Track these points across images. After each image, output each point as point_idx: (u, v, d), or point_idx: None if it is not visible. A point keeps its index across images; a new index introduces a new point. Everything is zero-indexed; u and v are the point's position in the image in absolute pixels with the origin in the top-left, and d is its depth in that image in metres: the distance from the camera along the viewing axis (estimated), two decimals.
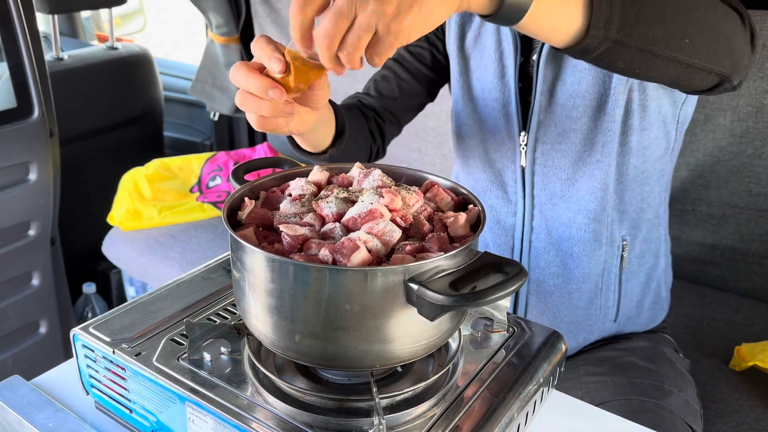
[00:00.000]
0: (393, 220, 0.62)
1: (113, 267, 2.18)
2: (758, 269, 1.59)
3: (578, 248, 1.05)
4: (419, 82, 1.15)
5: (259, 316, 0.61)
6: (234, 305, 0.79)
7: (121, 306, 0.78)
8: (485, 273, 0.57)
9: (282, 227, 0.61)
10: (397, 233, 0.60)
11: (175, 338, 0.72)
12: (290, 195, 0.69)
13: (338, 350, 0.59)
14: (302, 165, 0.80)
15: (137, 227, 2.03)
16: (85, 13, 2.88)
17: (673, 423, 0.97)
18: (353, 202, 0.64)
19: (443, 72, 1.16)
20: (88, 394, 0.75)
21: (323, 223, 0.64)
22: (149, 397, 0.68)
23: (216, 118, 2.56)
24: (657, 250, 1.11)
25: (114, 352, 0.69)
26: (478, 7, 0.66)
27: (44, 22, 2.37)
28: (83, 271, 2.21)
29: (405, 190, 0.66)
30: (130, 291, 2.16)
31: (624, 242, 1.06)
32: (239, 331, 0.71)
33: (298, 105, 0.75)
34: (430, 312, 0.55)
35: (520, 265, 0.55)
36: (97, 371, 0.72)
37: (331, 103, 0.95)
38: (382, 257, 0.59)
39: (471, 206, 0.68)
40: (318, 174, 0.73)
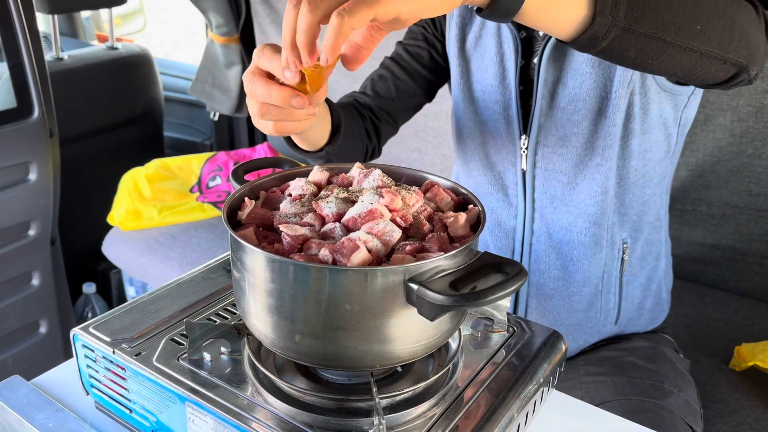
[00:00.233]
0: (393, 220, 0.62)
1: (113, 267, 2.18)
2: (758, 269, 1.59)
3: (579, 252, 1.04)
4: (416, 82, 1.14)
5: (259, 316, 0.61)
6: (234, 305, 0.79)
7: (121, 306, 0.78)
8: (485, 273, 0.57)
9: (282, 227, 0.61)
10: (397, 233, 0.60)
11: (175, 338, 0.72)
12: (290, 195, 0.69)
13: (338, 350, 0.59)
14: (302, 165, 0.80)
15: (137, 227, 2.03)
16: (85, 13, 2.88)
17: (673, 423, 0.97)
18: (353, 202, 0.64)
19: (441, 73, 1.16)
20: (88, 394, 0.75)
21: (323, 223, 0.64)
22: (149, 397, 0.68)
23: (216, 118, 2.56)
24: (658, 252, 1.11)
25: (114, 352, 0.69)
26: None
27: (44, 22, 2.37)
28: (83, 271, 2.21)
29: (405, 190, 0.66)
30: (130, 291, 2.16)
31: (625, 245, 1.06)
32: (239, 331, 0.70)
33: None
34: (430, 312, 0.55)
35: (520, 265, 0.55)
36: (97, 371, 0.72)
37: (327, 100, 0.94)
38: (382, 257, 0.59)
39: (471, 206, 0.68)
40: (318, 174, 0.73)
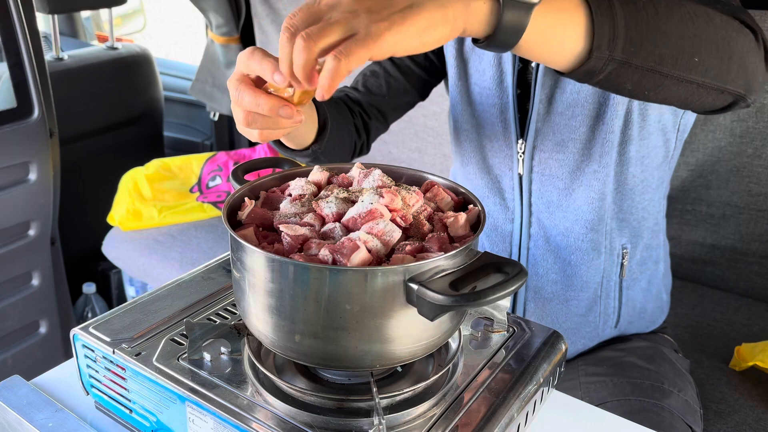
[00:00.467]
0: (393, 220, 0.62)
1: (113, 267, 2.19)
2: (758, 269, 1.59)
3: (576, 256, 1.04)
4: (410, 80, 1.13)
5: (259, 316, 0.61)
6: (234, 305, 0.79)
7: (121, 306, 0.78)
8: (485, 273, 0.57)
9: (282, 227, 0.61)
10: (397, 233, 0.60)
11: (175, 338, 0.72)
12: (290, 195, 0.69)
13: (338, 350, 0.59)
14: (302, 165, 0.80)
15: (137, 227, 2.03)
16: (85, 13, 2.88)
17: (673, 423, 0.97)
18: (353, 202, 0.64)
19: (435, 72, 1.15)
20: (88, 394, 0.75)
21: (323, 223, 0.64)
22: (149, 397, 0.68)
23: (216, 118, 2.56)
24: (657, 256, 1.11)
25: (114, 352, 0.69)
26: (474, 31, 0.62)
27: (44, 22, 2.37)
28: (83, 271, 2.21)
29: (405, 190, 0.66)
30: (130, 291, 2.16)
31: (624, 250, 1.05)
32: (239, 331, 0.71)
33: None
34: (430, 312, 0.55)
35: (520, 265, 0.55)
36: (97, 371, 0.72)
37: (313, 99, 0.92)
38: (382, 257, 0.59)
39: (471, 206, 0.68)
40: (318, 174, 0.73)
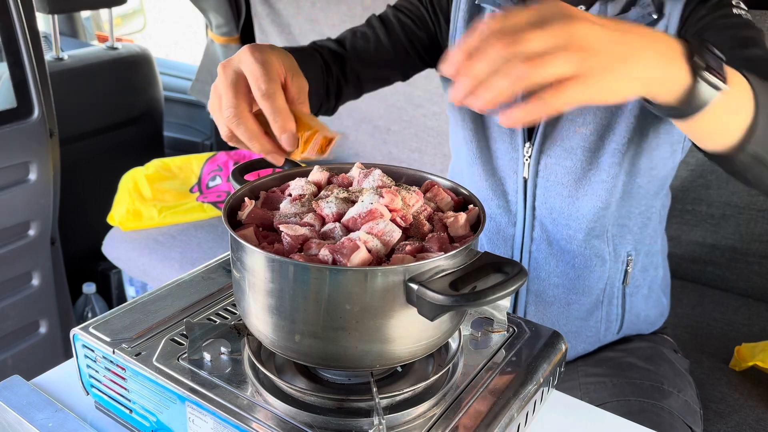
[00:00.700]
0: (393, 220, 0.62)
1: (113, 267, 2.18)
2: (758, 269, 1.59)
3: (579, 261, 1.03)
4: (398, 55, 1.08)
5: (259, 316, 0.61)
6: (234, 305, 0.79)
7: (121, 306, 0.78)
8: (485, 273, 0.57)
9: (282, 227, 0.61)
10: (397, 233, 0.60)
11: (175, 338, 0.72)
12: (290, 195, 0.69)
13: (338, 350, 0.59)
14: (302, 165, 0.80)
15: (137, 227, 2.03)
16: (85, 13, 2.88)
17: (673, 424, 0.97)
18: (353, 202, 0.64)
19: (423, 60, 1.11)
20: (88, 394, 0.75)
21: (323, 223, 0.64)
22: (149, 397, 0.68)
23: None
24: (657, 261, 1.11)
25: (114, 352, 0.69)
26: (661, 98, 0.60)
27: (44, 22, 2.36)
28: (83, 271, 2.20)
29: (405, 190, 0.66)
30: (130, 291, 2.16)
31: (629, 257, 1.05)
32: (239, 331, 0.70)
33: None
34: (430, 312, 0.55)
35: (520, 265, 0.55)
36: (97, 371, 0.72)
37: (291, 50, 0.87)
38: (382, 257, 0.59)
39: (471, 206, 0.68)
40: (318, 174, 0.73)
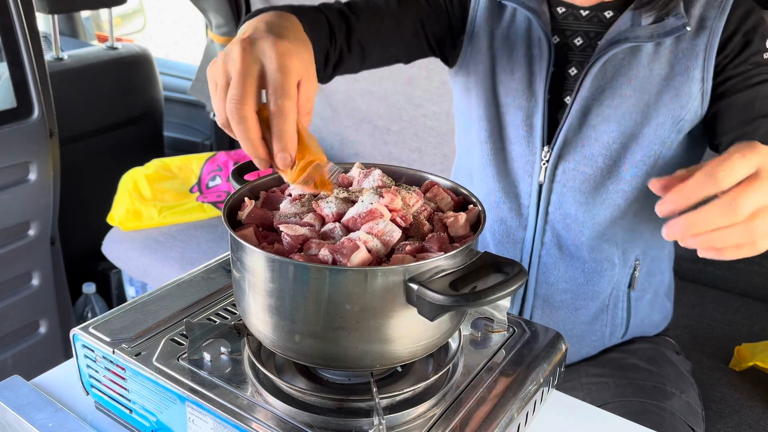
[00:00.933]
0: (393, 220, 0.62)
1: (113, 267, 2.18)
2: (758, 269, 1.59)
3: (590, 267, 1.03)
4: (408, 34, 1.02)
5: (259, 316, 0.61)
6: (234, 305, 0.79)
7: (121, 306, 0.78)
8: (485, 273, 0.57)
9: (282, 227, 0.61)
10: (397, 233, 0.60)
11: (175, 338, 0.72)
12: (290, 195, 0.69)
13: (338, 350, 0.59)
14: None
15: (137, 227, 2.03)
16: (85, 13, 2.88)
17: (675, 425, 0.96)
18: (353, 202, 0.64)
19: (431, 47, 1.06)
20: (88, 394, 0.75)
21: (323, 223, 0.64)
22: (149, 397, 0.68)
23: (216, 118, 2.56)
24: (663, 266, 1.11)
25: (114, 352, 0.69)
26: None
27: (44, 22, 2.37)
28: (83, 271, 2.20)
29: (405, 190, 0.66)
30: (130, 291, 2.16)
31: (637, 262, 1.04)
32: (239, 331, 0.70)
33: None
34: (430, 312, 0.55)
35: (520, 265, 0.55)
36: (97, 371, 0.72)
37: (292, 8, 0.82)
38: (382, 257, 0.59)
39: (471, 206, 0.68)
40: None
